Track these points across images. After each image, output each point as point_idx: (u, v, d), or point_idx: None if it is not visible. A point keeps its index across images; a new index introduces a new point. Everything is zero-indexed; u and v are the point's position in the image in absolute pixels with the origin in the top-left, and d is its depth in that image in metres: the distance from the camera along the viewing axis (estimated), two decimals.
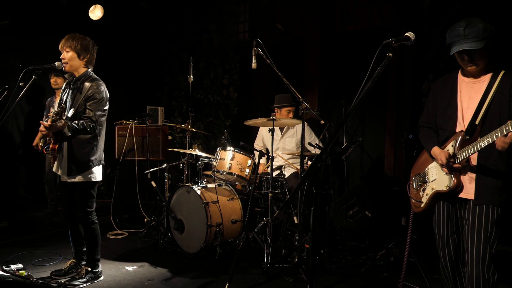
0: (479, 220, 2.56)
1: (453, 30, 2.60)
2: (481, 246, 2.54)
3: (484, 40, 2.50)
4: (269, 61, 4.05)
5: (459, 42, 2.54)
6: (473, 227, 2.57)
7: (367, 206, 4.51)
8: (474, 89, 2.65)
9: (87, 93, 3.52)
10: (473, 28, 2.50)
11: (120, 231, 5.28)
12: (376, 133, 5.63)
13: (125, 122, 5.82)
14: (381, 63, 2.13)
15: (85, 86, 3.55)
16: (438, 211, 2.80)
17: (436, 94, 2.87)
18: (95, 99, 3.52)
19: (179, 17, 7.22)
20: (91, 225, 3.70)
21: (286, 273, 3.99)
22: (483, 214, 2.55)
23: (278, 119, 4.32)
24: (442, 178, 2.70)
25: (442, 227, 2.77)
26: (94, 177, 3.63)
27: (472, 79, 2.69)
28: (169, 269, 4.13)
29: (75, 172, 3.55)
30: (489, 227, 2.54)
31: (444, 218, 2.76)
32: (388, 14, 5.52)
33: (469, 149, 2.53)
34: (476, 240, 2.55)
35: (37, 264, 4.13)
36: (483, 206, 2.56)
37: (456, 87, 2.73)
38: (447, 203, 2.75)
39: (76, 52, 3.56)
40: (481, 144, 2.44)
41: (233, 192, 4.71)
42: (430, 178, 2.80)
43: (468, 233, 2.59)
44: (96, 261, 3.78)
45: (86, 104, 3.51)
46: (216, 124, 6.89)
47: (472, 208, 2.59)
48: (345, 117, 2.20)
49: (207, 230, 4.25)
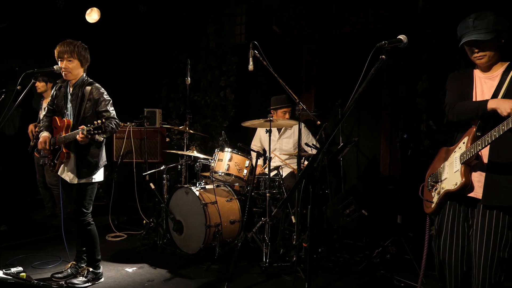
0: (489, 224, 2.45)
1: (463, 22, 2.55)
2: (490, 252, 2.43)
3: (493, 32, 2.43)
4: (265, 63, 4.10)
5: (467, 33, 2.50)
6: (482, 231, 2.46)
7: (363, 205, 4.57)
8: (486, 84, 2.60)
9: (91, 97, 3.58)
10: (483, 20, 2.45)
11: (119, 233, 5.32)
12: (371, 133, 5.69)
13: (123, 124, 5.85)
14: (375, 65, 2.18)
15: (86, 91, 3.59)
16: (443, 210, 2.71)
17: (454, 84, 2.76)
18: (105, 100, 3.62)
19: (177, 20, 7.27)
20: (87, 227, 3.72)
21: (284, 272, 4.05)
22: (493, 219, 2.43)
23: (275, 120, 4.37)
24: (451, 177, 2.59)
25: (446, 227, 2.67)
26: (96, 178, 3.70)
27: (484, 75, 2.62)
28: (169, 269, 4.17)
29: (85, 174, 3.61)
30: (499, 232, 2.43)
31: (450, 218, 2.66)
32: (383, 16, 5.59)
33: (477, 145, 2.41)
34: (485, 245, 2.45)
35: (37, 266, 4.15)
36: (493, 211, 2.44)
37: (472, 82, 2.66)
38: (455, 202, 2.65)
39: (79, 60, 3.61)
40: (488, 139, 2.34)
41: (231, 193, 4.76)
42: (442, 177, 2.70)
43: (477, 237, 2.49)
44: (97, 261, 3.82)
45: (96, 108, 3.59)
46: (214, 126, 6.94)
47: (482, 211, 2.48)
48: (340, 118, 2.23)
49: (206, 231, 4.30)
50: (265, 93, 6.51)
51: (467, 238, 2.62)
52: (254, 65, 4.14)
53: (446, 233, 2.68)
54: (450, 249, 2.66)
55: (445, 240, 2.68)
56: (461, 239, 2.63)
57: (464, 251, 2.63)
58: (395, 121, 5.35)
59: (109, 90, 3.78)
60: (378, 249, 4.33)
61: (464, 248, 2.63)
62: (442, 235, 2.70)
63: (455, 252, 2.65)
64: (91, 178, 3.65)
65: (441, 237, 2.71)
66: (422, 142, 4.95)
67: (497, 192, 2.42)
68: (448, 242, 2.67)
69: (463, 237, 2.63)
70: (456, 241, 2.64)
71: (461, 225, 2.63)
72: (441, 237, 2.71)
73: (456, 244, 2.64)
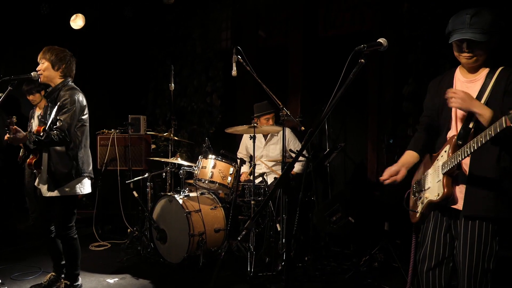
0: (472, 234, 2.35)
1: (459, 16, 2.35)
2: (474, 262, 2.34)
3: (488, 34, 2.27)
4: (249, 68, 4.04)
5: (461, 30, 2.30)
6: (465, 241, 2.37)
7: (350, 212, 4.50)
8: (468, 89, 2.42)
9: (60, 103, 3.47)
10: (481, 19, 2.27)
11: (103, 242, 5.21)
12: (358, 138, 5.63)
13: (107, 131, 5.76)
14: (353, 70, 2.11)
15: (60, 96, 3.50)
16: (427, 220, 2.60)
17: (432, 95, 2.66)
18: (65, 107, 3.44)
19: (163, 23, 7.20)
20: (70, 241, 3.59)
21: (270, 281, 3.95)
22: (476, 229, 2.34)
23: (259, 126, 4.31)
24: (434, 187, 2.50)
25: (427, 238, 2.58)
26: (74, 191, 3.52)
27: (466, 78, 2.48)
28: (151, 280, 4.08)
29: (54, 186, 3.46)
30: (482, 242, 2.33)
31: (431, 228, 2.57)
32: (369, 18, 5.54)
33: (457, 155, 2.31)
34: (468, 256, 2.36)
35: (16, 278, 4.05)
36: (476, 222, 2.35)
37: (452, 86, 2.53)
38: (438, 212, 2.55)
39: (50, 62, 3.51)
40: (467, 150, 2.23)
41: (216, 201, 4.67)
42: (425, 186, 2.59)
43: (460, 248, 2.40)
44: (76, 276, 3.69)
45: (58, 113, 3.45)
46: (200, 132, 6.86)
47: (464, 222, 2.39)
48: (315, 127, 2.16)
49: (190, 240, 4.21)
50: (251, 99, 6.42)
51: (448, 250, 2.52)
52: (240, 70, 4.07)
53: (427, 245, 2.58)
54: (430, 261, 2.56)
55: (424, 252, 2.59)
56: (442, 250, 2.53)
57: (443, 263, 2.53)
58: (382, 125, 5.29)
59: (94, 96, 3.70)
60: (365, 257, 4.27)
61: (444, 260, 2.53)
62: (423, 246, 2.61)
63: (434, 265, 2.55)
64: (64, 191, 3.48)
65: (422, 249, 2.62)
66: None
67: (476, 202, 2.34)
68: (428, 254, 2.57)
69: (444, 248, 2.53)
70: (436, 253, 2.54)
71: (442, 236, 2.53)
72: (422, 249, 2.62)
73: (436, 255, 2.54)
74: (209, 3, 6.77)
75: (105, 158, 5.68)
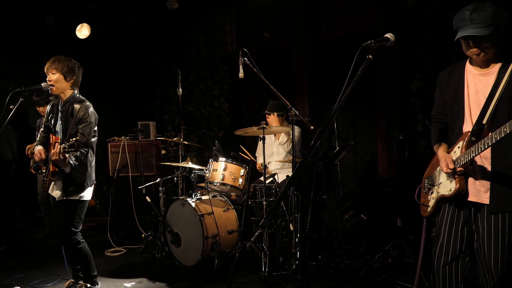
0: (495, 228, 2.38)
1: (460, 14, 2.36)
2: (499, 254, 2.38)
3: (491, 26, 2.25)
4: (256, 70, 4.07)
5: (464, 27, 2.31)
6: (489, 234, 2.39)
7: (362, 209, 4.51)
8: (481, 82, 2.42)
9: (78, 115, 3.52)
10: (481, 13, 2.27)
11: (118, 247, 5.26)
12: (368, 136, 5.65)
13: (117, 139, 5.82)
14: (362, 66, 2.13)
15: (75, 109, 3.54)
16: (442, 214, 2.60)
17: (442, 88, 2.64)
18: (86, 122, 3.51)
19: (166, 31, 7.27)
20: (77, 245, 3.64)
21: (284, 280, 3.97)
22: (499, 221, 2.37)
23: (268, 127, 4.34)
24: (446, 182, 2.51)
25: (443, 232, 2.57)
26: (83, 196, 3.61)
27: (479, 71, 2.46)
28: (168, 283, 4.12)
29: (72, 192, 3.54)
30: (506, 235, 2.37)
31: (448, 222, 2.55)
32: (373, 17, 5.56)
33: (471, 152, 2.32)
34: (493, 248, 2.39)
35: (35, 286, 4.11)
36: (499, 214, 2.37)
37: (463, 80, 2.50)
38: (453, 206, 2.55)
39: (62, 74, 3.56)
40: (481, 147, 2.25)
41: (227, 203, 4.71)
42: (437, 181, 2.61)
43: (484, 240, 2.41)
44: (94, 277, 3.76)
45: (78, 127, 3.51)
46: (209, 136, 6.91)
47: (487, 216, 2.40)
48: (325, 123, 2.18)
49: (204, 242, 4.24)
50: (258, 101, 6.49)
51: (465, 244, 2.53)
52: (246, 73, 4.10)
53: (443, 239, 2.58)
54: (446, 256, 2.56)
55: (440, 247, 2.59)
56: (459, 245, 2.53)
57: (459, 258, 2.54)
58: (391, 122, 5.30)
59: (102, 105, 3.75)
60: (379, 254, 4.27)
61: (461, 254, 2.53)
62: (439, 241, 2.61)
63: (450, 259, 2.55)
64: (79, 196, 3.57)
65: (438, 243, 2.62)
66: (419, 142, 4.90)
67: (503, 198, 2.35)
68: (445, 249, 2.57)
69: (461, 243, 2.53)
70: (453, 247, 2.54)
71: (460, 230, 2.53)
72: (438, 243, 2.62)
73: (453, 250, 2.54)
74: (211, 9, 6.84)
75: (117, 165, 5.75)
